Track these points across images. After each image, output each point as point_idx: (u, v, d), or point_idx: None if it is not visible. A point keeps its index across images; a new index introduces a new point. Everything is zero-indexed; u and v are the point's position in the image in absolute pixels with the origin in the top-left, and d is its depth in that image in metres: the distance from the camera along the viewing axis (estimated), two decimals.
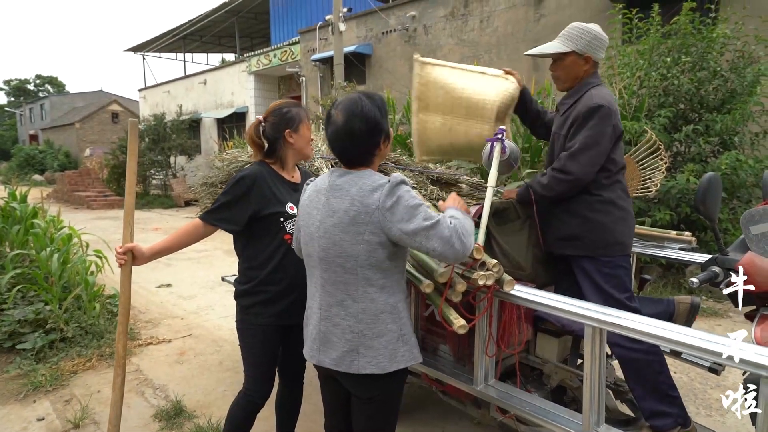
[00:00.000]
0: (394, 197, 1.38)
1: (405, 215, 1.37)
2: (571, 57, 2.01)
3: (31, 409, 2.87)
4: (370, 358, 1.45)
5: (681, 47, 5.05)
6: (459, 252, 1.38)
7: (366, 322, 1.45)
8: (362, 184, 1.42)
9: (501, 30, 9.45)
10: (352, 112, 1.44)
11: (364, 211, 1.39)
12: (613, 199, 2.00)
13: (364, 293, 1.45)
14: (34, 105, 39.51)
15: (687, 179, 4.50)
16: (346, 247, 1.41)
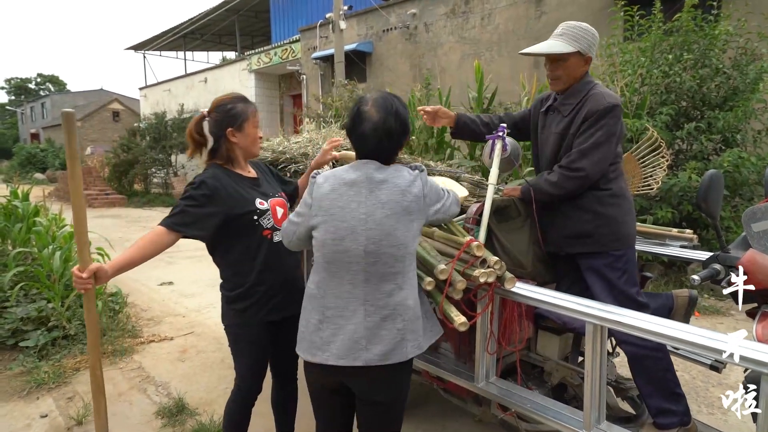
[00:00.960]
0: (428, 185, 1.57)
1: (437, 197, 1.60)
2: (575, 57, 1.96)
3: (35, 406, 2.88)
4: (413, 341, 1.52)
5: (683, 44, 5.04)
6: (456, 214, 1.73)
7: (411, 306, 1.52)
8: (404, 177, 1.51)
9: (502, 27, 9.43)
10: (387, 110, 1.49)
11: (414, 200, 1.50)
12: (621, 191, 2.02)
13: (408, 279, 1.53)
14: (36, 104, 39.56)
15: (689, 177, 4.49)
16: (399, 235, 1.47)
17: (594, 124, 1.92)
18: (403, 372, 1.57)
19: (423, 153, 4.96)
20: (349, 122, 1.54)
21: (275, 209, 1.94)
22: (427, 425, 2.63)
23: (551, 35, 2.04)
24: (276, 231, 1.92)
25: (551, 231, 2.11)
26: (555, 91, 2.10)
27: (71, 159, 1.60)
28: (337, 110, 7.02)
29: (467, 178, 2.98)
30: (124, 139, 16.39)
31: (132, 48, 22.18)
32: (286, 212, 1.98)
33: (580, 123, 1.96)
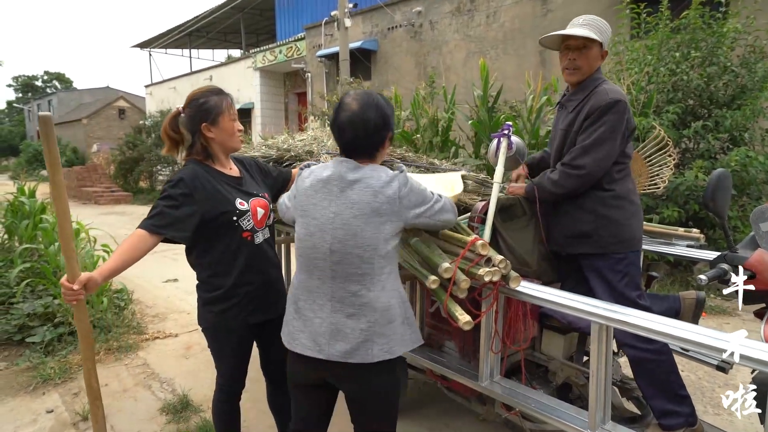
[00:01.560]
0: (408, 186, 1.49)
1: (419, 200, 1.52)
2: (597, 48, 1.96)
3: (41, 401, 2.90)
4: (382, 345, 1.48)
5: (690, 42, 5.00)
6: (449, 222, 1.66)
7: (380, 310, 1.48)
8: (378, 177, 1.47)
9: (508, 25, 9.38)
10: (367, 102, 1.49)
11: (387, 201, 1.45)
12: (626, 194, 1.98)
13: (378, 281, 1.48)
14: (42, 101, 39.76)
15: (695, 176, 4.46)
16: (367, 237, 1.44)
17: (596, 121, 1.90)
18: (374, 373, 1.52)
19: (428, 151, 4.94)
20: (332, 114, 1.55)
21: (256, 210, 1.87)
22: (431, 423, 2.62)
23: (571, 26, 1.99)
24: (256, 233, 1.86)
25: (554, 230, 2.10)
26: (570, 83, 2.08)
27: (52, 166, 1.50)
28: None
29: (472, 177, 2.98)
30: (130, 136, 16.46)
31: (138, 46, 22.27)
32: (267, 212, 1.92)
33: (583, 119, 1.95)
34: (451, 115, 5.32)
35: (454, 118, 5.38)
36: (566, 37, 1.99)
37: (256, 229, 1.87)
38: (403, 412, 2.69)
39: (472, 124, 4.99)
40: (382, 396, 1.57)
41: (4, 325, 3.70)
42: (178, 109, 1.83)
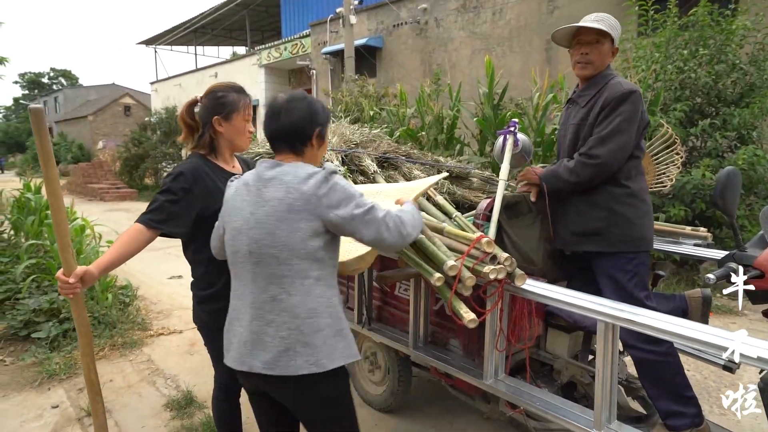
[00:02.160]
0: (329, 184, 1.38)
1: (340, 201, 1.38)
2: (608, 44, 1.98)
3: (46, 396, 2.92)
4: (307, 356, 1.36)
5: (699, 39, 4.95)
6: (391, 240, 1.43)
7: (303, 317, 1.38)
8: (295, 173, 1.39)
9: (513, 22, 9.34)
10: (296, 97, 1.47)
11: (301, 198, 1.36)
12: (639, 192, 1.97)
13: (300, 285, 1.38)
14: (49, 98, 39.93)
15: (702, 174, 4.42)
16: (281, 236, 1.36)
17: (612, 111, 1.89)
18: (304, 387, 1.40)
19: (432, 148, 4.93)
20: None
21: None
22: (435, 422, 2.62)
23: (583, 22, 1.99)
24: None
25: (561, 227, 2.08)
26: (581, 78, 2.08)
27: (45, 160, 1.48)
28: (347, 105, 7.01)
29: (477, 174, 2.96)
30: (135, 133, 16.52)
31: (143, 42, 22.30)
32: None
33: (598, 112, 1.94)
34: (456, 112, 5.29)
35: (459, 116, 5.36)
36: (578, 32, 1.99)
37: None
38: (406, 410, 2.69)
39: (477, 121, 4.97)
40: (321, 408, 1.46)
41: (10, 321, 3.72)
42: (196, 97, 1.85)
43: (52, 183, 1.52)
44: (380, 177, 2.46)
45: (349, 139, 2.72)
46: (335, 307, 1.45)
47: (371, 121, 6.23)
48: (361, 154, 2.57)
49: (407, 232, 1.47)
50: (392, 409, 2.66)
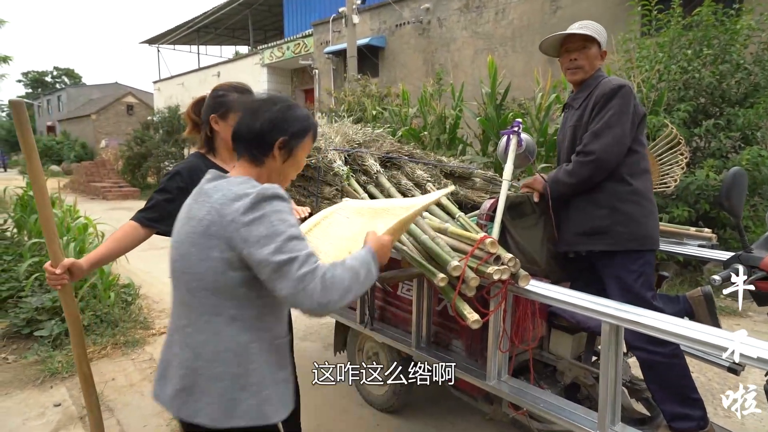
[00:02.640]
0: (258, 212, 1.12)
1: (259, 239, 1.10)
2: (595, 48, 2.04)
3: (48, 394, 2.92)
4: (204, 404, 1.17)
5: (703, 39, 4.93)
6: (307, 305, 1.10)
7: (204, 358, 1.18)
8: (228, 191, 1.17)
9: (516, 22, 9.32)
10: (270, 99, 1.29)
11: (219, 222, 1.13)
12: (644, 191, 1.96)
13: (206, 323, 1.18)
14: (52, 97, 40.07)
15: (706, 175, 4.40)
16: (193, 262, 1.17)
17: (604, 106, 1.92)
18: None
19: (435, 148, 4.92)
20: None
21: None
22: (436, 422, 2.61)
23: (569, 30, 2.07)
24: None
25: (565, 228, 2.07)
26: (573, 83, 2.13)
27: (28, 153, 1.48)
28: (349, 104, 7.00)
29: (480, 174, 2.95)
30: (138, 132, 16.54)
31: (146, 42, 22.34)
32: None
33: (591, 109, 1.97)
34: (458, 112, 5.29)
35: (462, 116, 5.35)
36: (565, 40, 2.06)
37: None
38: (408, 410, 2.69)
39: (480, 121, 4.96)
40: None
41: (13, 319, 3.72)
42: (204, 95, 1.87)
43: (36, 175, 1.52)
44: (383, 177, 2.46)
45: (352, 139, 2.71)
46: (250, 356, 1.19)
47: (374, 121, 6.22)
48: (364, 154, 2.56)
49: (332, 300, 1.11)
50: (394, 410, 2.66)
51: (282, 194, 1.18)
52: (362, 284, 1.20)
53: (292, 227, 1.14)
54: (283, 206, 1.16)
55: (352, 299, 1.20)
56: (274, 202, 1.15)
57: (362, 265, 1.21)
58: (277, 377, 1.24)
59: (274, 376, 1.23)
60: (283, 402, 1.25)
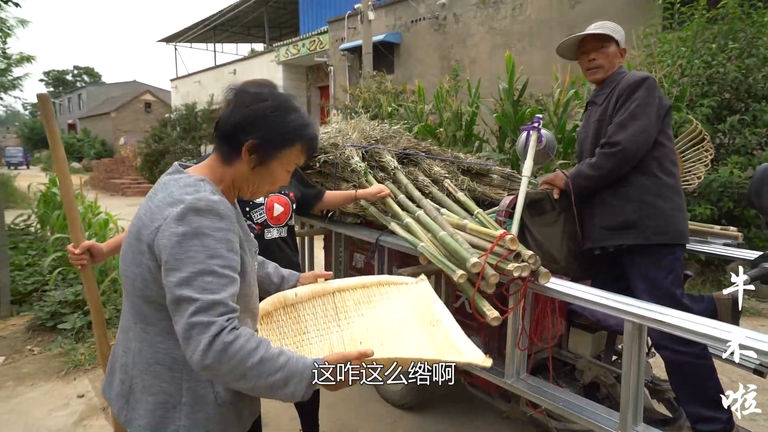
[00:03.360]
0: (183, 227, 0.97)
1: (173, 259, 0.96)
2: (613, 46, 2.03)
3: (72, 386, 2.98)
4: (137, 415, 1.09)
5: (728, 33, 4.81)
6: (189, 356, 0.93)
7: (139, 368, 1.08)
8: (173, 191, 1.04)
9: (534, 18, 9.20)
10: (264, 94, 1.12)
11: (149, 226, 1.01)
12: (674, 185, 1.93)
13: (142, 331, 1.08)
14: (73, 95, 40.86)
15: (730, 172, 4.30)
16: (127, 265, 1.07)
17: (628, 98, 1.91)
18: None
19: (451, 145, 4.89)
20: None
21: (272, 205, 1.94)
22: (453, 420, 2.60)
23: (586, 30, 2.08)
24: (268, 228, 1.92)
25: (590, 224, 2.04)
26: (594, 82, 2.13)
27: (53, 141, 1.57)
28: (365, 101, 7.00)
29: (498, 171, 2.93)
30: (156, 129, 16.77)
31: (164, 40, 22.61)
32: (288, 212, 1.99)
33: (614, 102, 1.95)
34: (475, 108, 5.24)
35: (478, 112, 5.30)
36: (582, 41, 2.07)
37: (269, 224, 1.93)
38: (425, 407, 2.68)
39: (497, 118, 4.91)
40: None
41: (38, 312, 3.82)
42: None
43: (60, 161, 1.59)
44: (400, 173, 2.45)
45: (369, 135, 2.71)
46: (184, 374, 1.07)
47: (389, 118, 6.21)
48: (381, 150, 2.55)
49: (217, 371, 0.93)
50: (410, 406, 2.66)
51: (219, 210, 1.01)
52: (266, 388, 0.96)
53: (217, 258, 0.97)
54: (215, 226, 0.99)
55: (245, 390, 0.98)
56: (205, 218, 0.99)
57: (288, 372, 0.97)
58: (219, 399, 1.10)
59: (216, 397, 1.09)
60: (225, 427, 1.11)
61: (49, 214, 6.01)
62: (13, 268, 4.48)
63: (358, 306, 1.42)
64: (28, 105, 35.54)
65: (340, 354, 1.03)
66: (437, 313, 1.40)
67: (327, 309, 1.40)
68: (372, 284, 1.48)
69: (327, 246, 2.93)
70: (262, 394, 1.00)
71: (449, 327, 1.35)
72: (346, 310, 1.41)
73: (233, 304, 0.98)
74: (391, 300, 1.45)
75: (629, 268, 1.95)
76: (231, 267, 1.00)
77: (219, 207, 1.02)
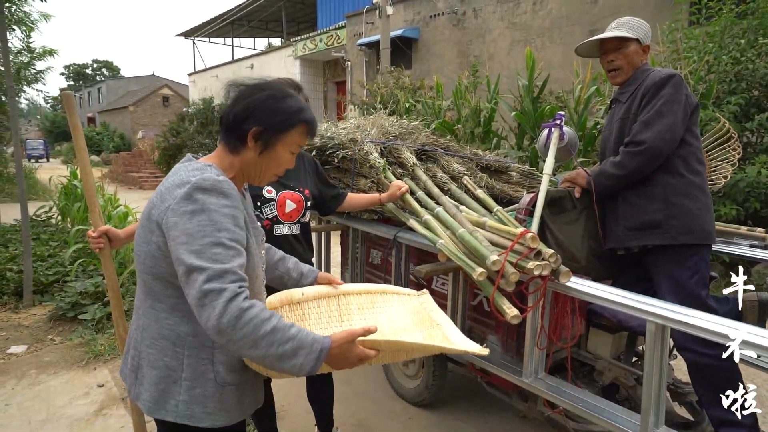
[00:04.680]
0: (191, 205, 1.03)
1: (183, 234, 1.01)
2: (634, 45, 1.98)
3: (92, 375, 3.04)
4: (143, 389, 1.16)
5: (758, 28, 4.66)
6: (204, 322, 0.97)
7: (146, 343, 1.15)
8: (181, 174, 1.11)
9: (555, 12, 9.07)
10: (261, 84, 1.20)
11: (159, 206, 1.08)
12: (700, 184, 1.88)
13: (150, 307, 1.15)
14: (92, 89, 41.49)
15: (758, 172, 4.18)
16: (138, 244, 1.14)
17: (654, 96, 1.86)
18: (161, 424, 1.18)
19: (469, 142, 4.85)
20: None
21: (284, 201, 1.92)
22: (469, 418, 2.59)
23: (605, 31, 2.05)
24: (279, 224, 1.91)
25: (613, 224, 2.00)
26: (615, 85, 2.10)
27: (76, 134, 1.68)
28: (382, 97, 6.98)
29: (517, 168, 2.89)
30: (173, 123, 16.95)
31: (182, 34, 22.84)
32: (300, 209, 1.97)
33: (639, 101, 1.91)
34: (494, 105, 5.19)
35: (497, 109, 5.25)
36: (601, 41, 2.04)
37: (280, 220, 1.91)
38: (440, 405, 2.67)
39: (516, 115, 4.85)
40: None
41: (59, 302, 3.89)
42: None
43: (81, 151, 1.68)
44: (419, 169, 2.43)
45: (387, 131, 2.69)
46: (186, 349, 1.12)
47: (407, 113, 6.18)
48: (400, 146, 2.54)
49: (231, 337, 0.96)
50: (426, 404, 2.65)
51: (223, 189, 1.07)
52: (276, 357, 0.98)
53: (224, 231, 1.03)
54: (220, 203, 1.05)
55: (255, 358, 1.01)
56: (211, 196, 1.05)
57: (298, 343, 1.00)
58: (219, 378, 1.14)
59: (217, 376, 1.14)
60: (224, 407, 1.15)
61: (70, 206, 6.13)
62: (35, 259, 4.59)
63: (361, 310, 1.47)
64: (49, 98, 36.25)
65: (346, 331, 1.06)
66: (437, 319, 1.47)
67: (331, 310, 1.45)
68: (376, 291, 1.54)
69: (344, 242, 2.93)
70: (271, 365, 1.01)
71: (448, 330, 1.41)
72: (350, 313, 1.45)
73: (242, 273, 1.03)
74: (392, 308, 1.51)
75: (653, 268, 1.91)
76: (237, 240, 1.06)
77: (223, 186, 1.08)
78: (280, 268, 1.52)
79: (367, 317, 1.45)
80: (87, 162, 1.71)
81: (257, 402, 1.28)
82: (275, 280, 1.52)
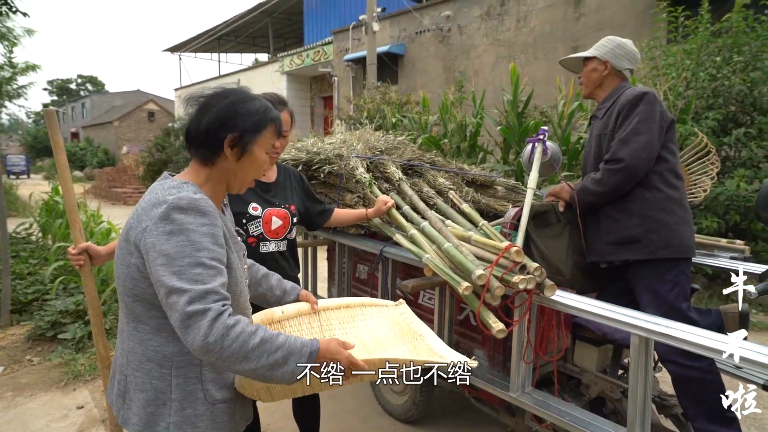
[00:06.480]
0: (169, 225, 1.01)
1: (162, 255, 1.00)
2: (593, 62, 2.11)
3: (71, 397, 2.96)
4: (131, 414, 1.13)
5: (733, 46, 4.81)
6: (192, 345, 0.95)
7: (132, 366, 1.13)
8: (158, 193, 1.09)
9: (538, 29, 9.26)
10: (219, 93, 1.15)
11: (136, 226, 1.06)
12: (677, 198, 1.92)
13: (134, 329, 1.12)
14: (76, 104, 41.12)
15: (737, 185, 4.28)
16: (117, 265, 1.12)
17: (629, 113, 1.92)
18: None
19: (455, 156, 4.89)
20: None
21: (270, 218, 1.88)
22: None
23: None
24: (264, 241, 1.87)
25: (595, 238, 2.03)
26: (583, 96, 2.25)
27: (57, 149, 1.67)
28: (369, 112, 7.02)
29: (502, 183, 2.92)
30: (159, 138, 16.85)
31: (168, 50, 22.82)
32: (287, 225, 1.94)
33: (615, 118, 1.96)
34: (479, 120, 5.25)
35: (483, 124, 5.31)
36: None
37: (267, 237, 1.88)
38: (428, 420, 2.65)
39: (501, 129, 4.91)
40: None
41: (38, 321, 3.79)
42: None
43: (63, 167, 1.67)
44: (405, 184, 2.44)
45: (373, 146, 2.71)
46: (173, 370, 1.10)
47: (393, 128, 6.22)
48: (386, 161, 2.55)
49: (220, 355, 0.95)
50: (414, 420, 2.62)
51: (200, 207, 1.05)
52: (267, 367, 0.99)
53: (203, 251, 1.01)
54: (198, 222, 1.03)
55: (246, 372, 1.00)
56: (189, 215, 1.03)
57: (288, 350, 1.01)
58: (209, 397, 1.13)
59: (206, 394, 1.13)
60: (216, 426, 1.14)
61: (51, 223, 6.02)
62: (14, 277, 4.48)
63: (342, 324, 1.48)
64: (31, 113, 35.83)
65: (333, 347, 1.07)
66: (419, 330, 1.49)
67: (312, 326, 1.45)
68: (355, 305, 1.55)
69: (330, 257, 2.92)
70: (263, 376, 1.01)
71: (431, 342, 1.41)
72: (331, 328, 1.46)
73: (224, 292, 1.02)
74: (372, 320, 1.53)
75: (634, 282, 1.94)
76: (218, 259, 1.05)
77: (200, 204, 1.06)
78: (263, 285, 1.51)
79: (348, 331, 1.45)
80: (68, 178, 1.70)
81: (247, 418, 1.27)
82: (258, 297, 1.51)
